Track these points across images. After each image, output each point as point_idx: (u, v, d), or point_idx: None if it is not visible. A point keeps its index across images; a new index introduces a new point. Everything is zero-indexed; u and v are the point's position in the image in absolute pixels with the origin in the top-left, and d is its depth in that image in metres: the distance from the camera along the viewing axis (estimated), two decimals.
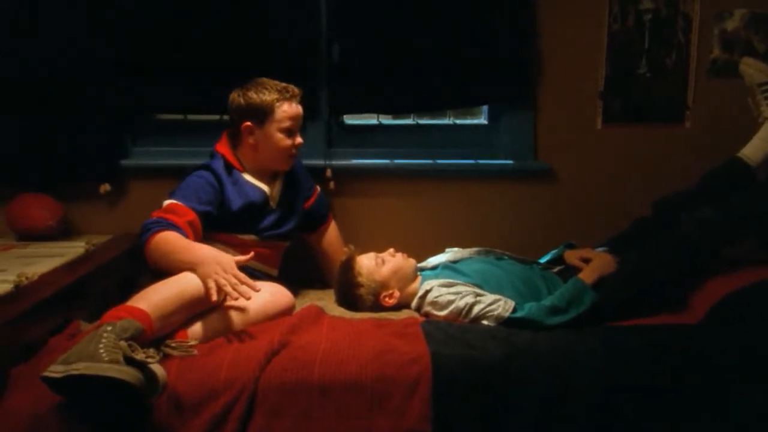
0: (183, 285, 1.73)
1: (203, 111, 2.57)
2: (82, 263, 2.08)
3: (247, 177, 2.15)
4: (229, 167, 2.12)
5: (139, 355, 1.47)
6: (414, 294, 2.10)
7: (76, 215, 2.51)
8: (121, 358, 1.44)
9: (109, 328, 1.49)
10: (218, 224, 2.05)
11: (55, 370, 1.41)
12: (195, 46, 2.41)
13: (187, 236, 1.89)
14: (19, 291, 1.76)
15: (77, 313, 1.90)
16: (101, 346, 1.44)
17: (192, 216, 1.95)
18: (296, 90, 2.14)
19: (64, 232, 2.42)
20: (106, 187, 2.49)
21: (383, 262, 2.12)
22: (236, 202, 2.08)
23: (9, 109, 2.39)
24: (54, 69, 2.36)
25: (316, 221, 2.39)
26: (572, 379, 1.64)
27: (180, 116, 2.62)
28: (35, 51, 2.36)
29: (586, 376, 1.65)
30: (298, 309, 2.02)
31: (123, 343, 1.47)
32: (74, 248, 2.22)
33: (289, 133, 2.12)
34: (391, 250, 2.18)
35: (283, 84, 2.12)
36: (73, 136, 2.42)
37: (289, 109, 2.11)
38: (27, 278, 1.82)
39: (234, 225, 2.10)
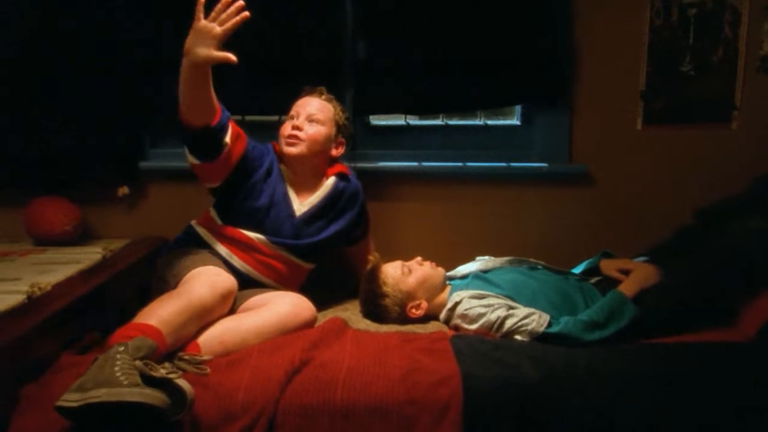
0: (190, 295, 1.68)
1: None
2: (98, 271, 2.03)
3: (282, 167, 2.14)
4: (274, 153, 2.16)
5: (159, 373, 1.41)
6: (442, 305, 2.03)
7: (93, 219, 2.49)
8: (139, 380, 1.38)
9: (122, 349, 1.43)
10: (232, 213, 2.03)
11: (71, 399, 1.34)
12: None
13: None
14: (32, 303, 1.71)
15: (93, 324, 1.85)
16: (117, 368, 1.37)
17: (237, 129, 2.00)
18: (317, 87, 2.19)
19: (81, 236, 2.39)
20: (124, 190, 2.46)
21: (410, 271, 2.06)
22: (256, 171, 2.06)
23: (25, 110, 2.36)
24: (70, 69, 2.33)
25: (351, 240, 2.33)
26: (614, 403, 1.56)
27: None
28: (50, 51, 2.32)
29: (629, 400, 1.56)
30: (321, 320, 1.95)
31: (139, 363, 1.41)
32: (91, 254, 2.18)
33: (291, 119, 2.13)
34: (419, 258, 2.12)
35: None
36: (90, 138, 2.39)
37: (298, 101, 2.16)
38: (40, 288, 1.77)
39: (248, 216, 2.05)
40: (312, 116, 2.10)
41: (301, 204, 2.11)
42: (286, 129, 2.10)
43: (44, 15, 2.30)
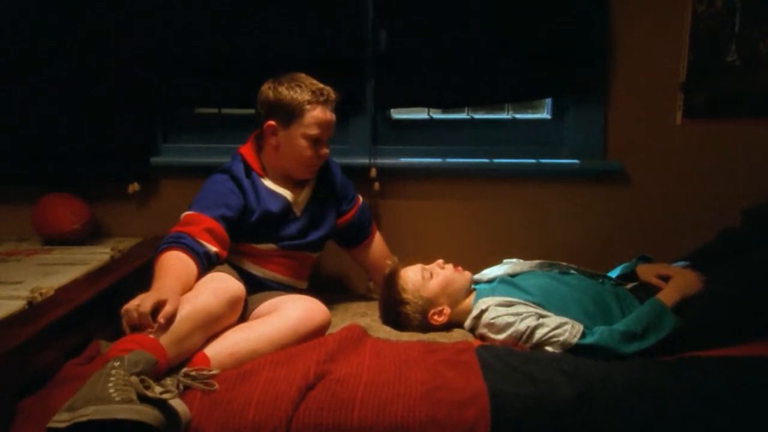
0: (193, 303, 1.59)
1: (239, 105, 2.47)
2: (105, 273, 1.97)
3: (268, 183, 2.00)
4: (248, 170, 1.99)
5: (153, 392, 1.33)
6: (467, 311, 1.95)
7: (103, 216, 2.47)
8: (135, 396, 1.31)
9: (117, 364, 1.36)
10: (236, 233, 1.92)
11: (61, 420, 1.27)
12: (228, 34, 2.31)
13: (204, 244, 1.78)
14: (33, 309, 1.64)
15: (98, 331, 1.78)
16: (110, 385, 1.30)
17: (209, 222, 1.82)
18: (333, 94, 1.98)
19: (91, 234, 2.35)
20: (135, 187, 2.44)
21: (431, 275, 1.98)
22: (254, 211, 1.95)
23: (32, 106, 2.33)
24: (79, 63, 2.30)
25: (357, 236, 2.24)
26: (654, 422, 1.47)
27: (214, 110, 2.54)
28: (60, 46, 2.30)
29: (670, 419, 1.47)
30: (338, 326, 1.86)
31: (134, 379, 1.34)
32: (99, 254, 2.12)
33: (315, 142, 1.96)
34: (440, 261, 2.04)
35: (320, 85, 1.97)
36: (99, 133, 2.37)
37: (320, 116, 1.94)
38: (41, 294, 1.70)
39: (251, 234, 1.96)
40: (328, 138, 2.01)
41: (297, 197, 2.02)
42: (308, 152, 1.95)
43: (52, 8, 2.28)
